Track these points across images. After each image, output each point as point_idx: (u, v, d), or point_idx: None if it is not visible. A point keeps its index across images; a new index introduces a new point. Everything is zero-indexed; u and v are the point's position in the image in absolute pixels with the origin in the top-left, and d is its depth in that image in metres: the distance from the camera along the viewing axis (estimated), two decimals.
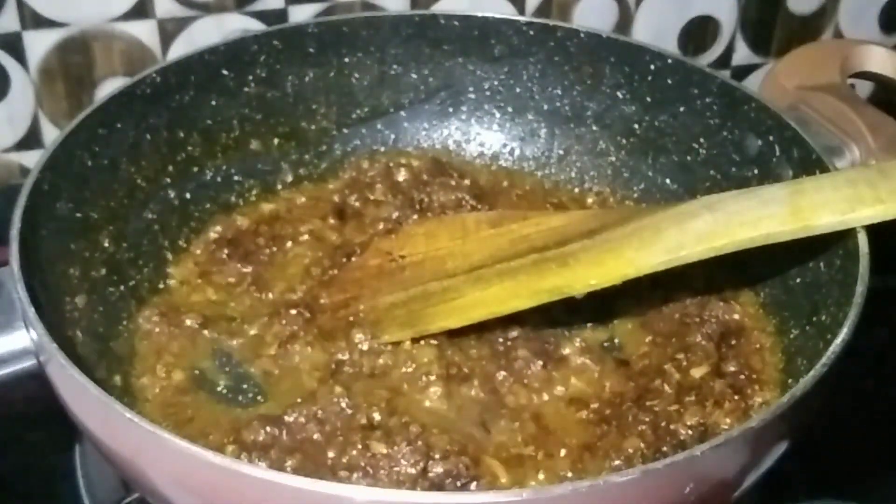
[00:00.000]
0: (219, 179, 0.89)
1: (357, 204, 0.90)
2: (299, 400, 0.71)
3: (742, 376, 0.75)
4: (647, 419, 0.70)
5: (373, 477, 0.65)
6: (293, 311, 0.79)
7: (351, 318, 0.79)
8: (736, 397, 0.72)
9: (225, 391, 0.75)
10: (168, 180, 0.85)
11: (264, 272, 0.84)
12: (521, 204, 0.92)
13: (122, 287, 0.79)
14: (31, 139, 1.04)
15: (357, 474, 0.65)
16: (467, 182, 0.92)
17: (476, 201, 0.90)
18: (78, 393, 0.60)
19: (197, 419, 0.73)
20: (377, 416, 0.70)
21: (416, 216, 0.88)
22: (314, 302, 0.81)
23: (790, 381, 0.73)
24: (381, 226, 0.87)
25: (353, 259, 0.84)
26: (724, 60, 1.18)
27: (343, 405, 0.70)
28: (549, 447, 0.70)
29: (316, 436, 0.69)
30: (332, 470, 0.66)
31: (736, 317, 0.79)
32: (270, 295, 0.82)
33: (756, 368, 0.76)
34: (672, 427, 0.70)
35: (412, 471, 0.66)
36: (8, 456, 0.80)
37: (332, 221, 0.89)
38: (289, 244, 0.87)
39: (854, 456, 0.82)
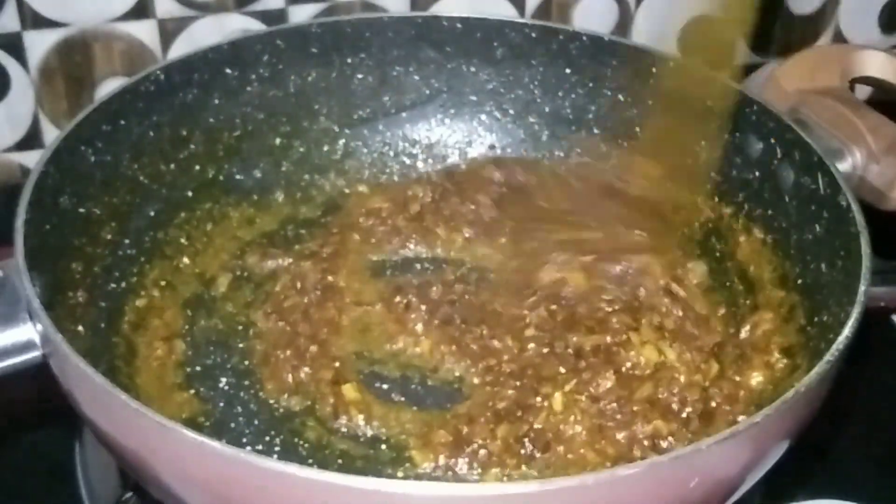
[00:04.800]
0: (221, 178, 0.89)
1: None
2: None
3: None
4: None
5: None
6: None
7: None
8: None
9: (227, 387, 0.76)
10: (170, 178, 0.85)
11: None
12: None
13: (123, 283, 0.79)
14: (31, 139, 1.04)
15: None
16: (466, 182, 0.92)
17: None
18: (83, 383, 0.59)
19: None
20: None
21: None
22: None
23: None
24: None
25: None
26: None
27: None
28: None
29: None
30: None
31: None
32: None
33: None
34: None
35: None
36: (8, 455, 0.80)
37: None
38: None
39: (854, 456, 0.82)
